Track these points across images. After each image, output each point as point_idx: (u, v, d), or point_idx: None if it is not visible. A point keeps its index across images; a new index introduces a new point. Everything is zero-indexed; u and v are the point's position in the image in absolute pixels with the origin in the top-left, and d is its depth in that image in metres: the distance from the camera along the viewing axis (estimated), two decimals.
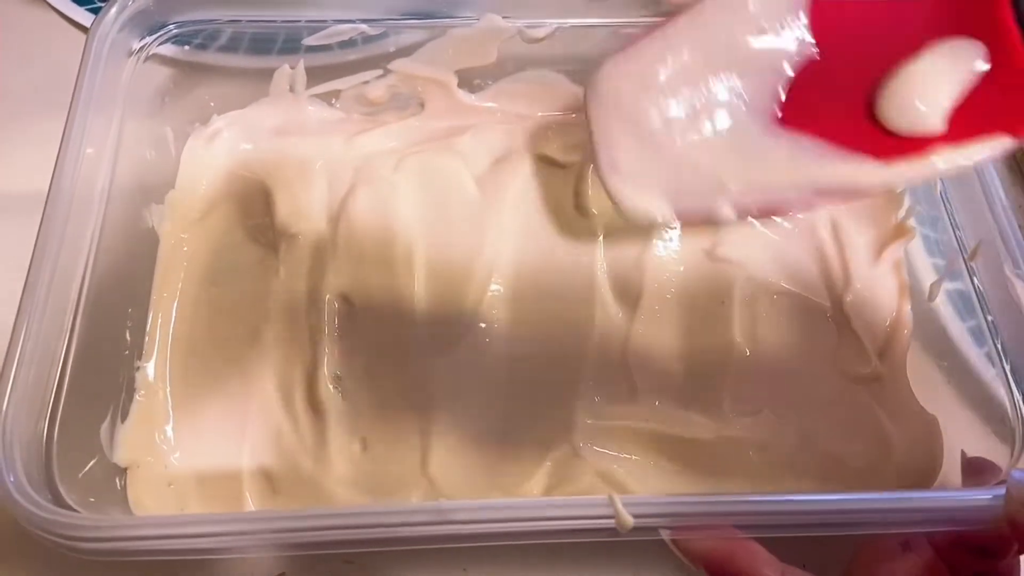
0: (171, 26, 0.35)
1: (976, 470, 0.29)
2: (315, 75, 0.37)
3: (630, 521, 0.24)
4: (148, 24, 0.35)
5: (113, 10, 0.34)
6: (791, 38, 0.28)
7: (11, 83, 0.41)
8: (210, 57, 0.38)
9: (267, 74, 0.37)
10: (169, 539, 0.24)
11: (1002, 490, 0.25)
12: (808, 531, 0.25)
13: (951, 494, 0.28)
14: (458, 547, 0.25)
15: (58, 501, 0.25)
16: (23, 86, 0.41)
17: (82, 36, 0.36)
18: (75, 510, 0.25)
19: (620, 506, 0.24)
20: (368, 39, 0.37)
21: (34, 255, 0.28)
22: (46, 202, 0.29)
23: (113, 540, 0.24)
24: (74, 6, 0.42)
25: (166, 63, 0.37)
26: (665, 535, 0.24)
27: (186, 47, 0.37)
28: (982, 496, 0.26)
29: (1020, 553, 0.25)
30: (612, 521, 0.24)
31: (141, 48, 0.35)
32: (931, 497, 0.27)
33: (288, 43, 0.37)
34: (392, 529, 0.24)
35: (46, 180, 0.30)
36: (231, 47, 0.38)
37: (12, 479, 0.24)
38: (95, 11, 0.42)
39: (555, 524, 0.25)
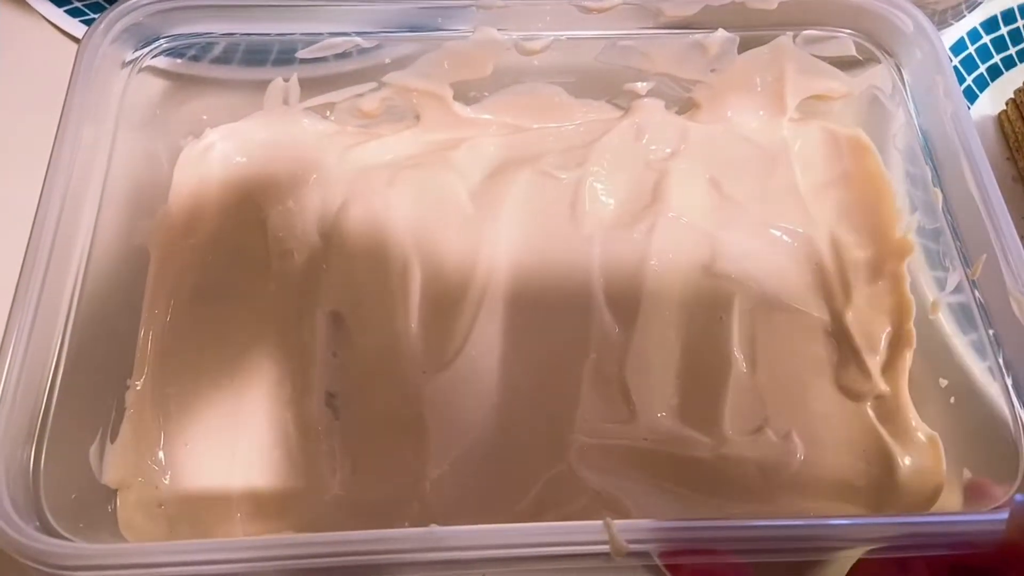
0: (163, 40, 0.35)
1: (977, 491, 0.28)
2: (309, 88, 0.37)
3: (625, 547, 0.24)
4: (140, 37, 0.35)
5: (104, 22, 0.33)
6: None
7: (3, 91, 0.41)
8: (203, 69, 0.38)
9: (261, 86, 0.37)
10: (159, 567, 0.24)
11: (1004, 514, 0.25)
12: (807, 556, 0.25)
13: (952, 517, 0.27)
14: (451, 573, 0.25)
15: (47, 528, 0.25)
16: (14, 97, 0.41)
17: (75, 47, 0.36)
18: (64, 536, 0.25)
19: (615, 532, 0.24)
20: (363, 52, 0.37)
21: (22, 272, 0.28)
22: (35, 217, 0.29)
23: (103, 569, 0.23)
24: (66, 17, 0.41)
25: (159, 75, 0.37)
26: (660, 562, 0.24)
27: (179, 60, 0.36)
28: (983, 520, 0.25)
29: None
30: (607, 547, 0.24)
31: (133, 61, 0.35)
32: (932, 521, 0.27)
33: (282, 55, 0.37)
34: (384, 556, 0.24)
35: (36, 194, 0.29)
36: (225, 59, 0.37)
37: None
38: (87, 23, 0.41)
39: (549, 550, 0.24)
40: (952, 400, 0.32)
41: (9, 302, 0.27)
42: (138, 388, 0.31)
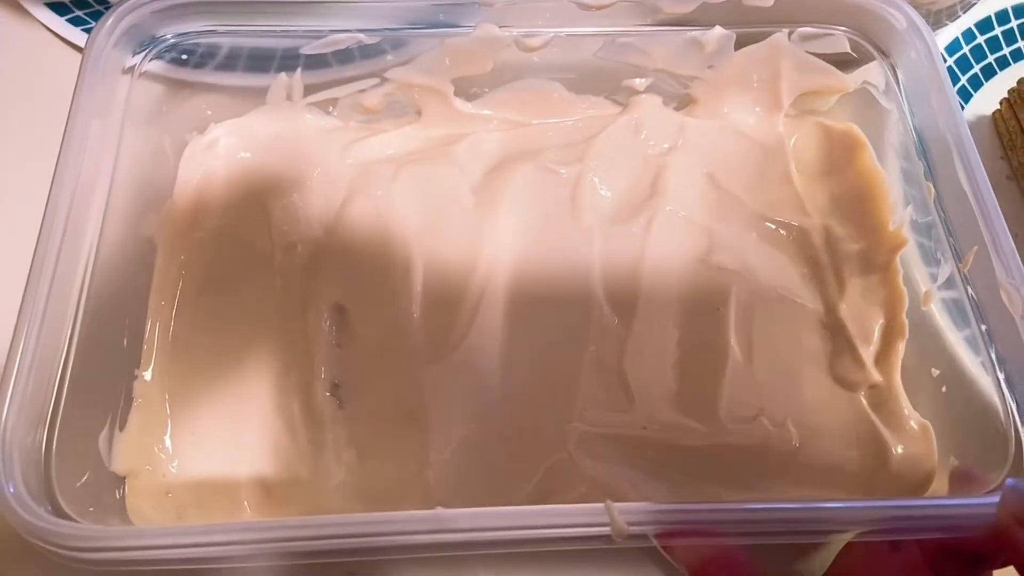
0: (167, 38, 0.35)
1: (964, 479, 0.29)
2: (312, 83, 0.37)
3: (625, 529, 0.24)
4: (144, 36, 0.35)
5: (110, 21, 0.34)
6: None
7: (6, 101, 0.41)
8: (207, 75, 0.38)
9: (264, 84, 0.37)
10: (168, 549, 0.24)
11: (995, 498, 0.26)
12: (801, 538, 0.26)
13: (943, 502, 0.28)
14: (457, 554, 0.25)
15: (57, 511, 0.25)
16: (18, 104, 0.41)
17: (76, 55, 0.36)
18: (74, 520, 0.25)
19: (616, 514, 0.25)
20: (365, 55, 0.37)
21: (33, 265, 0.29)
22: (44, 212, 0.30)
23: (113, 550, 0.24)
24: (68, 26, 0.41)
25: (164, 71, 0.37)
26: (656, 542, 0.25)
27: (184, 57, 0.37)
28: (975, 504, 0.26)
29: (1009, 563, 0.25)
30: (608, 529, 0.25)
31: (138, 59, 0.35)
32: (923, 505, 0.27)
33: (285, 60, 0.37)
34: (390, 538, 0.24)
35: (42, 193, 0.30)
36: (228, 65, 0.37)
37: (12, 490, 0.24)
38: (88, 31, 0.41)
39: (551, 532, 0.25)
40: (944, 389, 0.33)
41: (21, 295, 0.28)
42: (146, 378, 0.32)
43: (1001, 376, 0.31)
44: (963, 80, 0.44)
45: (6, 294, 0.28)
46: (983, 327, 0.32)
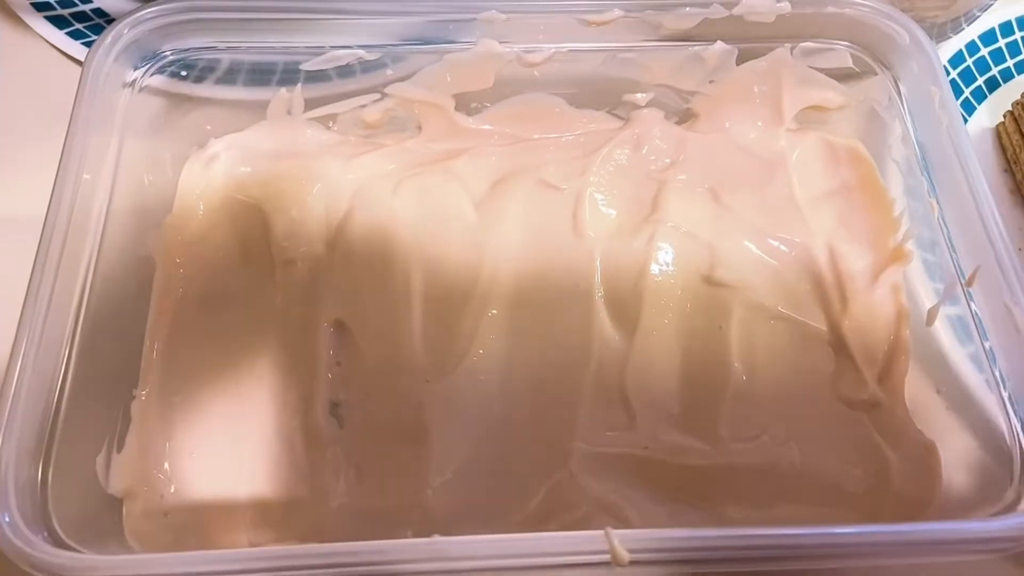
0: (168, 53, 0.35)
1: None
2: (313, 98, 0.37)
3: (626, 557, 0.24)
4: (144, 51, 0.35)
5: (110, 36, 0.34)
6: None
7: (6, 115, 0.40)
8: (208, 90, 0.37)
9: (265, 99, 0.37)
10: None
11: (996, 522, 0.25)
12: (805, 563, 0.26)
13: (948, 526, 0.28)
14: None
15: (54, 537, 0.25)
16: (18, 118, 0.40)
17: (76, 69, 0.36)
18: (71, 546, 0.25)
19: (616, 542, 0.24)
20: (366, 70, 0.37)
21: (31, 281, 0.29)
22: (43, 228, 0.29)
23: None
24: (68, 39, 0.41)
25: (164, 85, 0.37)
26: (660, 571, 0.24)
27: (184, 72, 0.37)
28: (978, 528, 0.26)
29: None
30: (608, 556, 0.24)
31: (138, 73, 0.35)
32: (928, 529, 0.27)
33: (286, 75, 0.37)
34: (387, 567, 0.24)
35: (41, 208, 0.30)
36: (229, 80, 0.37)
37: (7, 519, 0.24)
38: (88, 44, 0.41)
39: (551, 560, 0.25)
40: (948, 409, 0.33)
41: (18, 310, 0.28)
42: (144, 398, 0.32)
43: (1006, 395, 0.31)
44: (966, 93, 0.44)
45: (4, 310, 0.28)
46: (987, 344, 0.32)
